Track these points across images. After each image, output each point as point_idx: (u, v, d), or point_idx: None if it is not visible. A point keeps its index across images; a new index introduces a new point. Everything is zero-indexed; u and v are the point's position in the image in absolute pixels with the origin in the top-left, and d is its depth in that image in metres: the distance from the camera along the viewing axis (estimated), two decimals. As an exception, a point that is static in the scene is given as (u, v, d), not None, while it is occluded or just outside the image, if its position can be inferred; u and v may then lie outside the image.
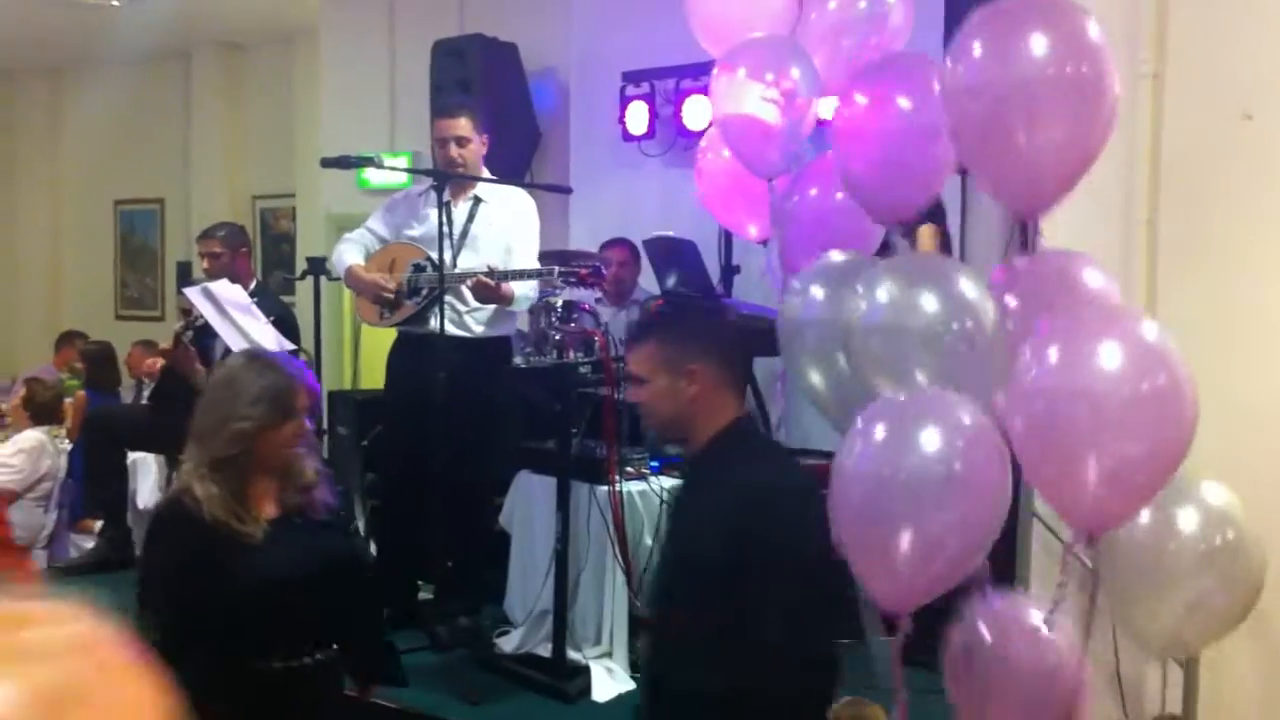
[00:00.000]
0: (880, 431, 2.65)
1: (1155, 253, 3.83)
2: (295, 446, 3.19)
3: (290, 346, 5.48)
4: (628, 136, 6.87)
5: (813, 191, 3.67)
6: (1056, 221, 4.07)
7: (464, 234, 5.07)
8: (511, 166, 6.76)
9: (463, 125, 5.17)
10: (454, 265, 5.02)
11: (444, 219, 4.84)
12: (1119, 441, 2.51)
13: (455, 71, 7.15)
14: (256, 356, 3.33)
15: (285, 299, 6.84)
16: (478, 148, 5.18)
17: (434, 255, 4.96)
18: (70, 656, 0.83)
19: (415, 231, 5.23)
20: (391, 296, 5.14)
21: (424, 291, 5.08)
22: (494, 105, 7.04)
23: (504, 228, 5.16)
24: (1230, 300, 3.77)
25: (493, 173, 5.40)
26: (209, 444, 3.08)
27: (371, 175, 7.96)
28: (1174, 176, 3.77)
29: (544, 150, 7.51)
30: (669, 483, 4.82)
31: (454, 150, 5.14)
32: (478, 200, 5.14)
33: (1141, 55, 3.80)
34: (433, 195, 5.04)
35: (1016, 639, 2.89)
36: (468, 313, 5.07)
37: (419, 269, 5.12)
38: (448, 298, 4.93)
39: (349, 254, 5.30)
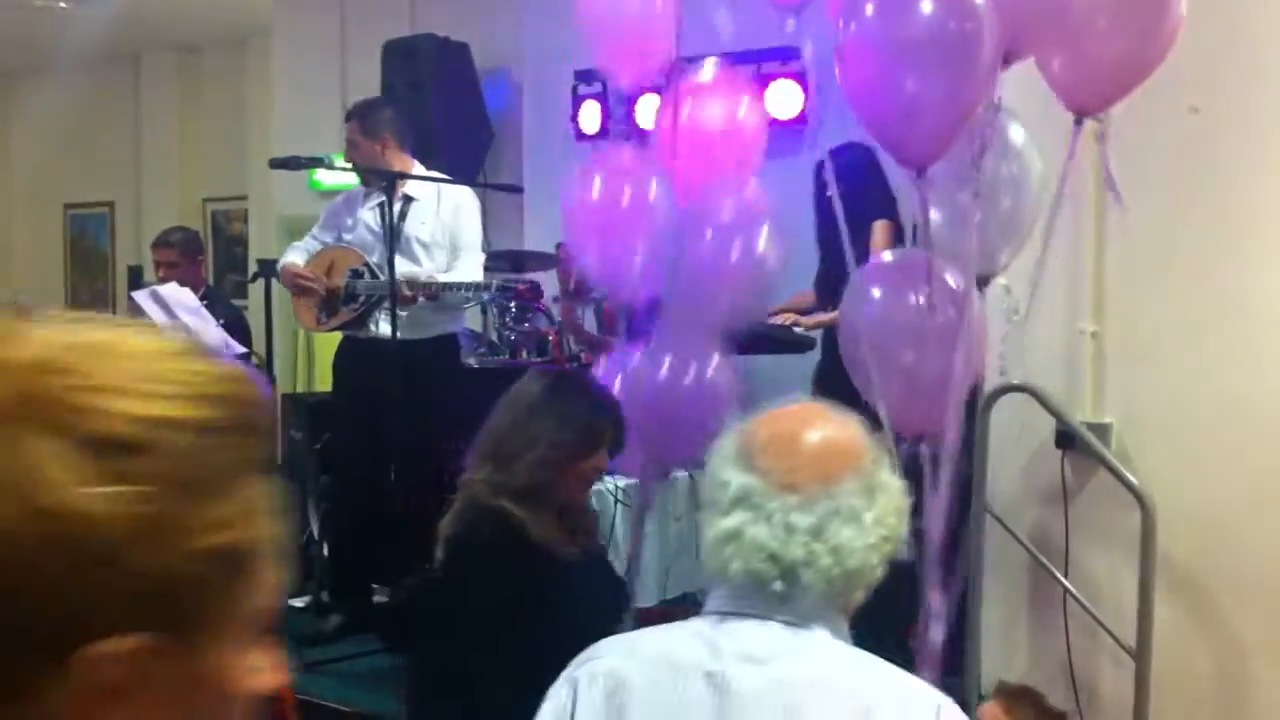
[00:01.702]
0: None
1: (1103, 247, 3.85)
2: (594, 480, 3.01)
3: (241, 350, 5.43)
4: (581, 136, 6.84)
5: None
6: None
7: (396, 235, 5.02)
8: (464, 166, 6.72)
9: (348, 129, 5.15)
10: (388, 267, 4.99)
11: (390, 219, 4.81)
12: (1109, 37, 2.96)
13: (406, 72, 7.11)
14: (561, 378, 3.12)
15: (238, 302, 6.79)
16: (367, 150, 5.08)
17: (370, 259, 4.95)
18: None
19: (350, 235, 5.21)
20: (312, 285, 5.10)
21: (361, 298, 5.04)
22: (446, 105, 7.01)
23: (442, 224, 5.12)
24: (1180, 294, 3.80)
25: (445, 172, 5.37)
26: (510, 469, 2.88)
27: (323, 176, 7.90)
28: (1121, 170, 3.78)
29: (497, 150, 7.47)
30: (624, 482, 4.81)
31: (346, 154, 5.19)
32: (408, 199, 5.08)
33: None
34: (368, 197, 5.06)
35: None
36: (407, 314, 5.02)
37: (357, 275, 5.08)
38: (386, 301, 4.90)
39: (289, 256, 5.28)
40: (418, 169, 5.18)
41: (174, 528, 0.69)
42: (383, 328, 4.91)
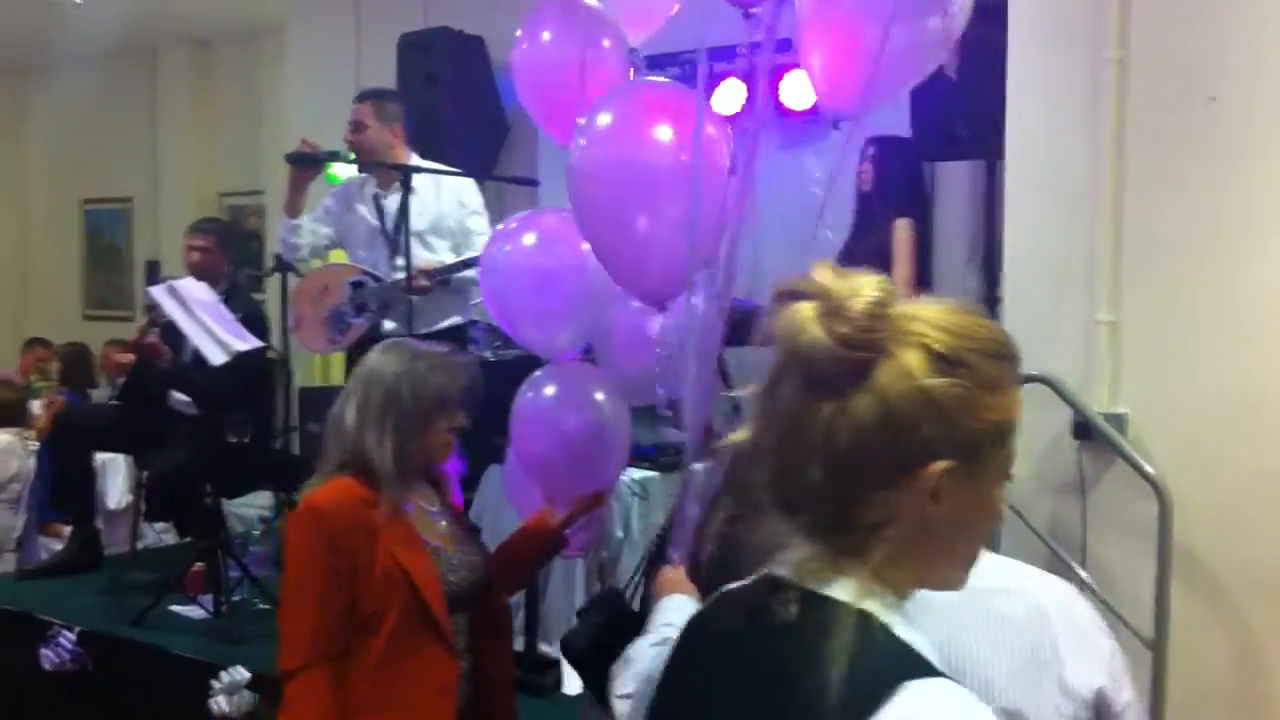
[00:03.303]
0: None
1: (1120, 237, 3.83)
2: None
3: (259, 344, 5.43)
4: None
5: None
6: (1020, 205, 4.08)
7: (398, 229, 5.01)
8: (479, 159, 6.72)
9: (359, 110, 5.15)
10: (391, 264, 4.99)
11: (405, 206, 4.82)
12: None
13: (421, 65, 7.11)
14: None
15: (254, 296, 6.79)
16: (376, 135, 5.14)
17: (360, 253, 4.95)
18: None
19: (348, 231, 5.23)
20: (316, 144, 5.15)
21: (372, 306, 5.04)
22: (461, 98, 7.01)
23: (442, 215, 5.14)
24: (1196, 285, 3.77)
25: (460, 165, 5.38)
26: None
27: (339, 170, 7.90)
28: (1138, 160, 3.77)
29: (512, 143, 7.46)
30: (638, 474, 4.81)
31: (348, 134, 5.16)
32: (408, 192, 5.10)
33: (1105, 39, 3.79)
34: (365, 189, 5.06)
35: None
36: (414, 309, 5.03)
37: (358, 286, 5.08)
38: (399, 301, 4.90)
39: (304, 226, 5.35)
40: (416, 161, 5.21)
41: (976, 405, 1.26)
42: (387, 326, 4.94)
